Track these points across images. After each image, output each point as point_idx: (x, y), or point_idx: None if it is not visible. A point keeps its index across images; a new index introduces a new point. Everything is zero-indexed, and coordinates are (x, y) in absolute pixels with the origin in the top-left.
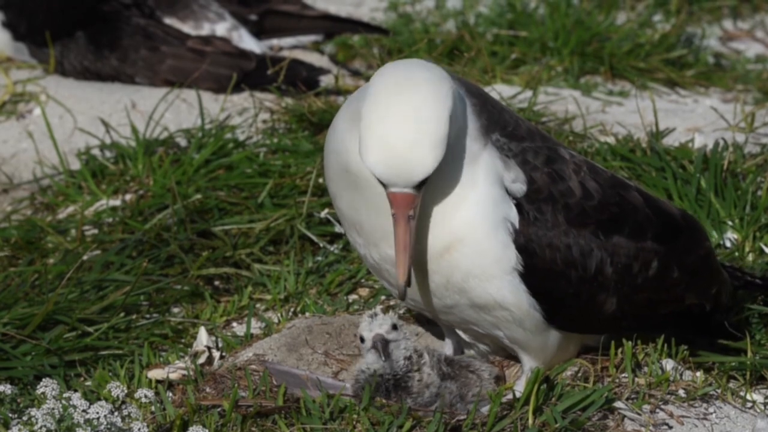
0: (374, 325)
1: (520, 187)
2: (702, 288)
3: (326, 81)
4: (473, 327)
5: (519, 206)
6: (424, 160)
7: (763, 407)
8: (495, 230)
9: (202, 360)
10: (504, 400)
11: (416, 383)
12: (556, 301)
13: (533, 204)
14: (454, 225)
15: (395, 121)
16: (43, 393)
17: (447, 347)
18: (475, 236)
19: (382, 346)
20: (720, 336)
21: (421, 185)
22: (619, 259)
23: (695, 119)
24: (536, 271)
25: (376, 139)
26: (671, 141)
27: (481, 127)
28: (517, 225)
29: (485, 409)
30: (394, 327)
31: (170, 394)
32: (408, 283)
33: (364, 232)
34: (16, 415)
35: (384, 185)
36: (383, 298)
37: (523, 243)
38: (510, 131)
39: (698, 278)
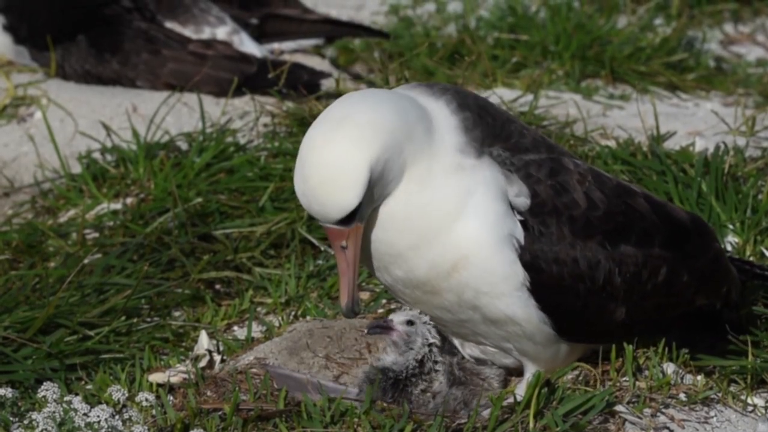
0: (398, 314)
1: (524, 201)
2: (712, 289)
3: (327, 85)
4: (482, 340)
5: (524, 221)
6: (339, 202)
7: (764, 411)
8: (501, 247)
9: (203, 363)
10: (505, 403)
11: (419, 393)
12: (566, 315)
13: (538, 217)
14: (458, 240)
15: (315, 164)
16: (44, 396)
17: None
18: (482, 254)
19: (382, 327)
20: (729, 333)
21: (347, 222)
22: (627, 268)
23: (696, 123)
24: (544, 286)
25: (299, 179)
26: (672, 144)
27: (473, 140)
28: (522, 241)
29: (486, 413)
30: (410, 323)
31: (171, 398)
32: (353, 308)
33: (376, 260)
34: (16, 419)
35: None
36: (384, 301)
37: (529, 260)
38: (513, 143)
39: (708, 280)
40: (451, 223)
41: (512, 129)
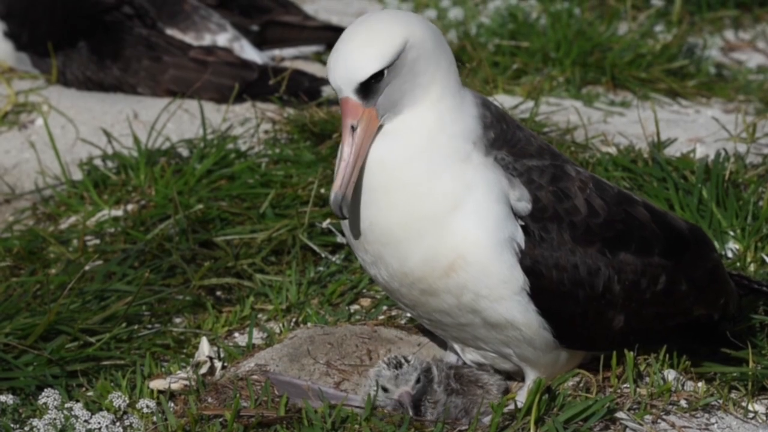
0: (400, 380)
1: (525, 206)
2: (710, 300)
3: (328, 91)
4: (482, 345)
5: (524, 226)
6: (367, 59)
7: (765, 418)
8: (501, 250)
9: (203, 370)
10: (506, 410)
11: (427, 406)
12: (565, 321)
13: (539, 223)
14: (455, 240)
15: (351, 33)
16: (44, 403)
17: (450, 357)
18: (480, 256)
19: (412, 404)
20: (726, 345)
21: (366, 95)
22: (627, 276)
23: (697, 129)
24: (544, 291)
25: (334, 48)
26: (673, 151)
27: (486, 138)
28: (523, 245)
29: (487, 420)
30: (418, 380)
31: (172, 405)
32: (342, 203)
33: (369, 243)
34: (17, 426)
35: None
36: (385, 308)
37: (529, 264)
38: (519, 149)
39: (706, 291)
40: (446, 212)
41: (520, 136)
